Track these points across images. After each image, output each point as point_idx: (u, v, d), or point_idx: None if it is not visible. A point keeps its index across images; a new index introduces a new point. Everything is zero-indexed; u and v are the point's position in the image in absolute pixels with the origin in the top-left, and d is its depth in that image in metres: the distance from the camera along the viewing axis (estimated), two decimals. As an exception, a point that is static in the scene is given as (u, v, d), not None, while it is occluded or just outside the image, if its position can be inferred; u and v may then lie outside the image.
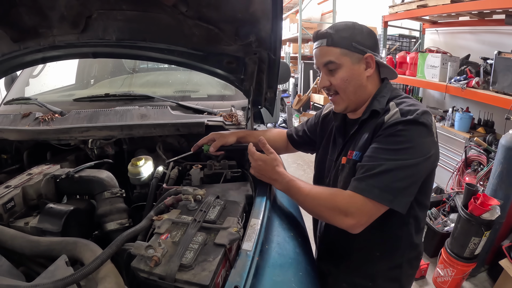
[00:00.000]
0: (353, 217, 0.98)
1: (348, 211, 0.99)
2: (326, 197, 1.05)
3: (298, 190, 1.12)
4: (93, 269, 0.78)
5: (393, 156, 0.98)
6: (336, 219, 1.02)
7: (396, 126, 1.00)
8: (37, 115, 1.68)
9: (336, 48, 1.10)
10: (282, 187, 1.16)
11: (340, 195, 1.03)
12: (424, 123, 0.99)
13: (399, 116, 1.02)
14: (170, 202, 1.10)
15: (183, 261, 0.81)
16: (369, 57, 1.11)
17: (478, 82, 3.15)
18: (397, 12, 4.18)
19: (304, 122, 1.54)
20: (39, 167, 1.42)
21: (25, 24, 1.39)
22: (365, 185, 0.98)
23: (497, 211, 2.27)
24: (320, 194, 1.07)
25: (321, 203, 1.06)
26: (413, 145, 0.98)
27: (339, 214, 1.00)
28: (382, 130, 1.03)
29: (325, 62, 1.12)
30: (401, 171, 0.97)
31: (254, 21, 1.27)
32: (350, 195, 1.00)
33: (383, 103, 1.11)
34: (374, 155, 1.01)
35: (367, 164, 1.01)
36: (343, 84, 1.13)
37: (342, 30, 1.11)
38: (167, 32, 1.41)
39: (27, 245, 0.95)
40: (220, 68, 1.57)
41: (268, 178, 1.19)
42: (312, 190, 1.09)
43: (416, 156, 0.98)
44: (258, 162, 1.19)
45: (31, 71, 2.41)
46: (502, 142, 2.40)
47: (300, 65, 7.40)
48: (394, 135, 1.00)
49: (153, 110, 1.70)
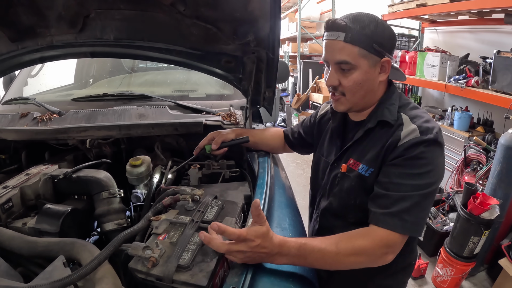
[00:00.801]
0: (394, 253, 0.95)
1: (388, 252, 0.93)
2: (363, 248, 0.91)
3: (321, 252, 0.88)
4: (90, 270, 0.78)
5: (418, 182, 0.94)
6: (379, 262, 0.94)
7: (418, 148, 0.95)
8: (35, 115, 1.67)
9: (355, 47, 0.97)
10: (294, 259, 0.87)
11: (377, 239, 0.92)
12: (442, 143, 0.98)
13: (418, 135, 0.96)
14: (168, 202, 1.10)
15: (181, 262, 0.81)
16: (386, 61, 1.01)
17: (478, 81, 3.15)
18: (396, 11, 4.17)
19: (300, 123, 1.50)
20: (37, 167, 1.41)
21: (23, 24, 1.38)
22: (400, 221, 0.93)
23: (497, 210, 2.27)
24: (354, 247, 0.90)
25: (361, 256, 0.91)
26: (434, 168, 0.96)
27: (381, 256, 0.93)
28: (402, 151, 0.96)
29: (339, 60, 1.00)
30: (427, 199, 0.96)
31: (252, 20, 1.26)
32: (388, 234, 0.92)
33: (394, 114, 1.04)
34: (399, 181, 0.95)
35: (393, 194, 0.95)
36: (354, 87, 1.02)
37: (364, 26, 0.96)
38: (165, 31, 1.40)
39: (25, 245, 0.95)
40: (218, 68, 1.56)
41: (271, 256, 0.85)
42: (340, 246, 0.89)
43: (437, 178, 0.97)
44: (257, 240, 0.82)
45: (30, 71, 2.41)
46: (501, 141, 2.40)
47: (299, 64, 7.39)
48: (417, 158, 0.95)
49: (152, 110, 1.70)
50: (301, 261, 0.88)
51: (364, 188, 1.06)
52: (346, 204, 1.13)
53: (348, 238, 0.93)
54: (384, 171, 1.00)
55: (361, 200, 1.07)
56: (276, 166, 1.57)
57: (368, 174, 1.04)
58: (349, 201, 1.12)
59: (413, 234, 0.96)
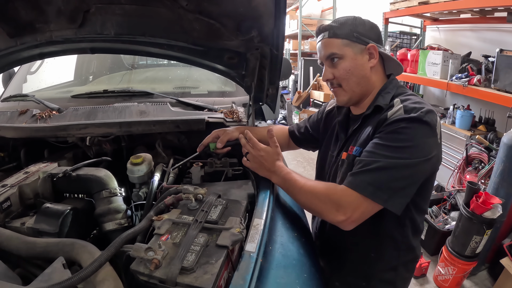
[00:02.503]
0: (345, 213, 0.96)
1: (340, 206, 0.97)
2: (319, 191, 1.04)
3: (294, 182, 1.10)
4: (91, 272, 0.76)
5: (392, 154, 0.95)
6: (327, 213, 1.00)
7: (398, 123, 0.97)
8: (35, 112, 1.65)
9: (338, 39, 1.09)
10: (279, 180, 1.14)
11: (333, 189, 1.02)
12: (428, 122, 0.96)
13: (402, 113, 0.99)
14: (170, 201, 1.08)
15: (184, 264, 0.78)
16: (371, 47, 1.10)
17: (480, 80, 3.14)
18: (398, 9, 4.16)
19: (307, 118, 1.52)
20: (36, 165, 1.39)
21: (22, 19, 1.36)
22: (360, 181, 0.96)
23: (499, 209, 2.27)
24: (314, 187, 1.06)
25: (314, 196, 1.04)
26: (414, 144, 0.95)
27: (331, 208, 0.99)
28: (384, 126, 1.01)
29: (327, 54, 1.12)
30: (398, 170, 0.95)
31: (257, 15, 1.24)
32: (344, 190, 0.98)
33: (387, 99, 1.09)
34: (373, 150, 0.99)
35: (364, 160, 0.99)
36: (345, 75, 1.11)
37: (344, 22, 1.10)
38: (166, 26, 1.37)
39: (23, 246, 0.93)
40: (221, 64, 1.54)
41: (267, 170, 1.16)
42: (307, 183, 1.08)
43: (416, 156, 0.95)
44: (261, 152, 1.16)
45: (29, 68, 2.38)
46: (504, 140, 2.39)
47: (300, 62, 7.37)
48: (396, 132, 0.97)
49: (153, 107, 1.67)
50: (282, 185, 1.15)
51: None
52: None
53: (318, 183, 1.09)
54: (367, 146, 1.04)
55: None
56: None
57: (358, 153, 1.07)
58: None
59: (375, 200, 0.95)
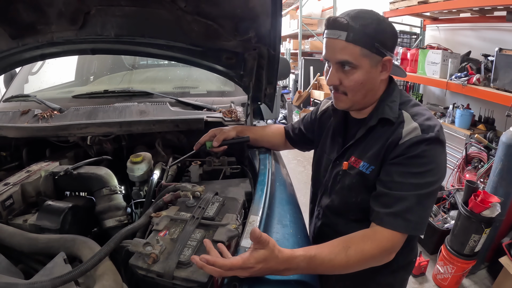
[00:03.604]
0: (395, 252, 0.96)
1: (393, 250, 0.95)
2: (370, 254, 0.91)
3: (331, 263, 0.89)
4: (91, 266, 0.78)
5: (420, 181, 0.94)
6: (382, 262, 0.96)
7: (419, 146, 0.94)
8: (36, 112, 1.67)
9: (356, 47, 0.95)
10: (302, 271, 0.89)
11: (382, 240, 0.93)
12: (443, 141, 0.97)
13: (419, 133, 0.95)
14: (169, 198, 1.10)
15: (181, 258, 0.81)
16: (387, 60, 1.00)
17: (479, 79, 3.13)
18: (398, 8, 4.15)
19: (301, 119, 1.49)
20: (38, 164, 1.41)
21: (23, 21, 1.38)
22: (403, 221, 0.93)
23: (498, 208, 2.27)
24: (363, 254, 0.91)
25: (367, 262, 0.93)
26: (436, 166, 0.95)
27: (386, 256, 0.96)
28: (403, 149, 0.96)
29: (340, 60, 0.98)
30: (429, 198, 0.96)
31: (254, 16, 1.26)
32: (392, 236, 0.93)
33: (395, 111, 1.03)
34: (401, 180, 0.95)
35: (397, 194, 0.95)
36: (356, 87, 1.01)
37: (366, 25, 0.94)
38: (165, 27, 1.40)
39: (26, 242, 0.95)
40: (219, 64, 1.56)
41: (280, 272, 0.85)
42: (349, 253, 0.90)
43: (439, 177, 0.96)
44: (258, 265, 0.79)
45: (30, 68, 2.40)
46: (502, 139, 2.39)
47: (300, 61, 7.36)
48: (419, 157, 0.94)
49: (152, 107, 1.69)
50: (311, 272, 0.90)
51: (365, 185, 1.06)
52: (347, 202, 1.13)
53: (356, 244, 0.92)
54: (386, 170, 1.00)
55: (362, 198, 1.07)
56: (277, 163, 1.57)
57: (369, 171, 1.04)
58: (351, 199, 1.11)
59: (416, 233, 0.97)
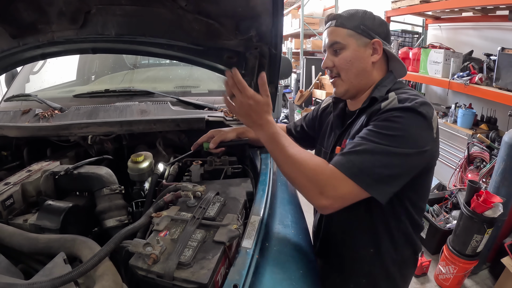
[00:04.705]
0: (327, 197, 0.91)
1: (325, 189, 0.91)
2: (308, 167, 0.94)
3: (281, 147, 0.98)
4: (90, 267, 0.77)
5: (382, 141, 0.91)
6: (311, 195, 0.95)
7: (392, 112, 0.95)
8: (37, 112, 1.67)
9: (344, 29, 1.09)
10: (264, 138, 1.02)
11: (323, 168, 0.94)
12: (423, 114, 0.93)
13: (396, 103, 0.97)
14: (170, 198, 1.09)
15: (182, 259, 0.80)
16: (376, 42, 1.08)
17: (481, 79, 3.12)
18: (400, 8, 4.14)
19: (303, 117, 1.50)
20: (39, 163, 1.41)
21: (24, 20, 1.38)
22: (346, 160, 0.92)
23: (500, 208, 2.26)
24: (304, 160, 0.96)
25: (301, 171, 0.95)
26: (406, 135, 0.92)
27: (314, 190, 0.93)
28: (377, 115, 0.98)
29: (331, 42, 1.11)
30: (387, 156, 0.90)
31: (255, 15, 1.25)
32: (332, 171, 0.92)
33: (382, 92, 1.07)
34: (364, 136, 0.96)
35: (354, 142, 0.96)
36: (345, 65, 1.10)
37: (353, 14, 1.10)
38: (166, 26, 1.39)
39: (26, 242, 0.95)
40: (220, 63, 1.55)
41: (252, 121, 1.02)
42: (296, 154, 0.97)
43: (407, 147, 0.91)
44: (249, 100, 0.98)
45: (31, 68, 2.40)
46: (505, 139, 2.39)
47: (302, 61, 7.36)
48: (388, 120, 0.94)
49: (153, 106, 1.69)
50: (267, 144, 1.02)
51: None
52: None
53: (308, 155, 0.99)
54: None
55: None
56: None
57: None
58: None
59: (359, 182, 0.90)
